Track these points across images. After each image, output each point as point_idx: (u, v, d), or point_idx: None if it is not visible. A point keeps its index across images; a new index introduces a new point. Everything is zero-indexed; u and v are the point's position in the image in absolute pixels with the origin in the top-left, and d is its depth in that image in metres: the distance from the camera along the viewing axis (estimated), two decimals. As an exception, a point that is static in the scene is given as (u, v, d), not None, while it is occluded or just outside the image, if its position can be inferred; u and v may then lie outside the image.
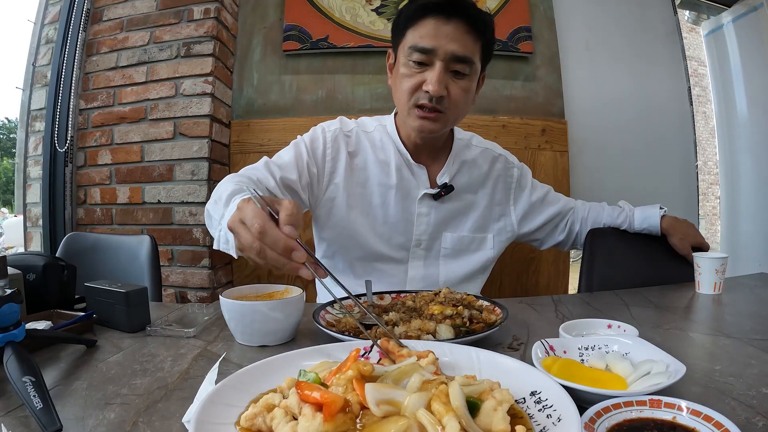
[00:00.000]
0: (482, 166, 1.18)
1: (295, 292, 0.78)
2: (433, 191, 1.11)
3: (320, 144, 1.11)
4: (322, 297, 1.18)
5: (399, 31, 1.03)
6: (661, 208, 1.18)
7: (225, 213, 0.80)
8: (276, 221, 0.64)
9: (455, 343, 0.58)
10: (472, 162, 1.17)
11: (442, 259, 1.15)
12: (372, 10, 1.99)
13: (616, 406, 0.43)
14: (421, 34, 0.98)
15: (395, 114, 1.15)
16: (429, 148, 1.13)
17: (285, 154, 1.09)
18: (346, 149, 1.12)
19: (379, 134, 1.15)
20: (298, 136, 1.14)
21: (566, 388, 0.44)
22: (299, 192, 1.07)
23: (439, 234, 1.14)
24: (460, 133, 1.20)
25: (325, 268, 0.63)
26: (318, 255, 1.18)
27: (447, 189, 1.11)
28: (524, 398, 0.45)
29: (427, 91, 0.97)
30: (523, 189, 1.21)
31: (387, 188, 1.12)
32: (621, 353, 0.57)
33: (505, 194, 1.20)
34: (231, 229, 0.67)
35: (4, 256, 0.76)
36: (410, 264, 1.14)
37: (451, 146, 1.16)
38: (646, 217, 1.18)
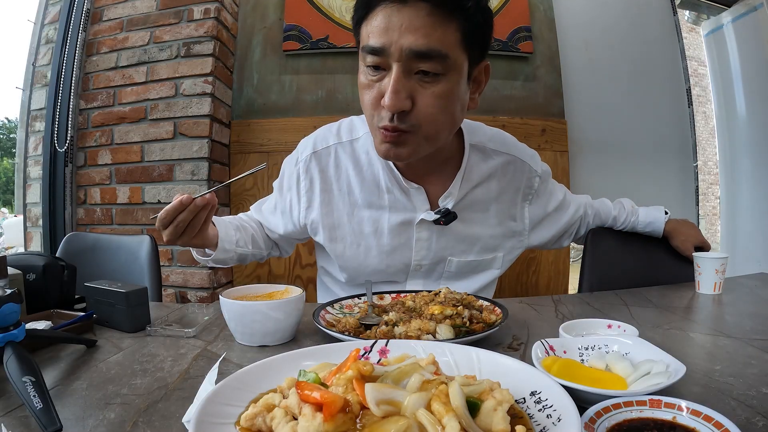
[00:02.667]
0: (500, 180, 0.99)
1: (295, 292, 0.78)
2: (432, 217, 0.94)
3: (293, 182, 1.00)
4: (322, 297, 1.17)
5: (355, 27, 0.82)
6: (666, 213, 1.17)
7: None
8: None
9: (455, 343, 0.57)
10: (488, 177, 0.98)
11: (444, 280, 1.02)
12: (372, 10, 1.99)
13: (616, 406, 0.43)
14: (370, 30, 0.76)
15: None
16: (428, 163, 0.92)
17: (269, 204, 1.09)
18: (320, 174, 0.97)
19: (366, 146, 0.96)
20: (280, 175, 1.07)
21: (566, 388, 0.44)
22: (290, 242, 1.10)
23: (443, 259, 0.99)
24: (472, 135, 0.98)
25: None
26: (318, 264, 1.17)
27: (447, 218, 0.92)
28: (524, 398, 0.44)
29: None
30: (540, 196, 1.06)
31: (379, 212, 0.96)
32: (621, 353, 0.57)
33: (520, 204, 1.04)
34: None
35: (4, 256, 0.76)
36: (409, 283, 1.02)
37: (461, 157, 0.96)
38: (650, 222, 1.17)
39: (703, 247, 1.14)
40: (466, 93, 0.84)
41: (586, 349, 0.59)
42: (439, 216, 0.93)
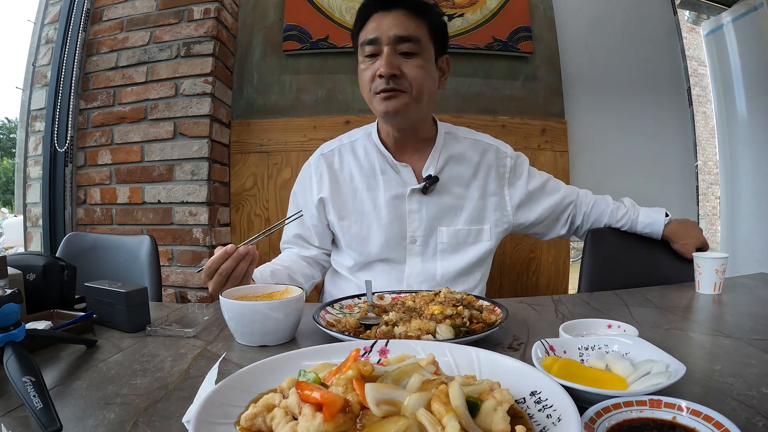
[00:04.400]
0: (472, 158, 1.17)
1: (295, 292, 0.78)
2: (419, 186, 1.12)
3: (306, 180, 1.21)
4: (329, 280, 1.26)
5: (354, 37, 1.12)
6: (666, 215, 1.17)
7: None
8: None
9: (455, 343, 0.58)
10: (461, 155, 1.17)
11: (439, 254, 1.14)
12: (372, 10, 1.99)
13: (616, 406, 0.43)
14: (367, 30, 1.07)
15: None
16: (411, 143, 1.15)
17: (288, 231, 1.24)
18: (327, 169, 1.19)
19: (363, 142, 1.19)
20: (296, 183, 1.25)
21: (566, 388, 0.44)
22: (323, 235, 1.20)
23: (434, 229, 1.14)
24: (446, 126, 1.21)
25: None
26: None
27: (431, 180, 1.12)
28: (524, 398, 0.45)
29: (381, 75, 1.03)
30: (518, 177, 1.19)
31: (375, 192, 1.15)
32: (621, 353, 0.57)
33: (498, 184, 1.17)
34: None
35: (4, 256, 0.76)
36: (408, 262, 1.14)
37: (435, 139, 1.17)
38: (649, 223, 1.17)
39: (703, 247, 1.14)
40: (436, 73, 1.11)
41: (586, 349, 0.59)
42: (424, 183, 1.12)
